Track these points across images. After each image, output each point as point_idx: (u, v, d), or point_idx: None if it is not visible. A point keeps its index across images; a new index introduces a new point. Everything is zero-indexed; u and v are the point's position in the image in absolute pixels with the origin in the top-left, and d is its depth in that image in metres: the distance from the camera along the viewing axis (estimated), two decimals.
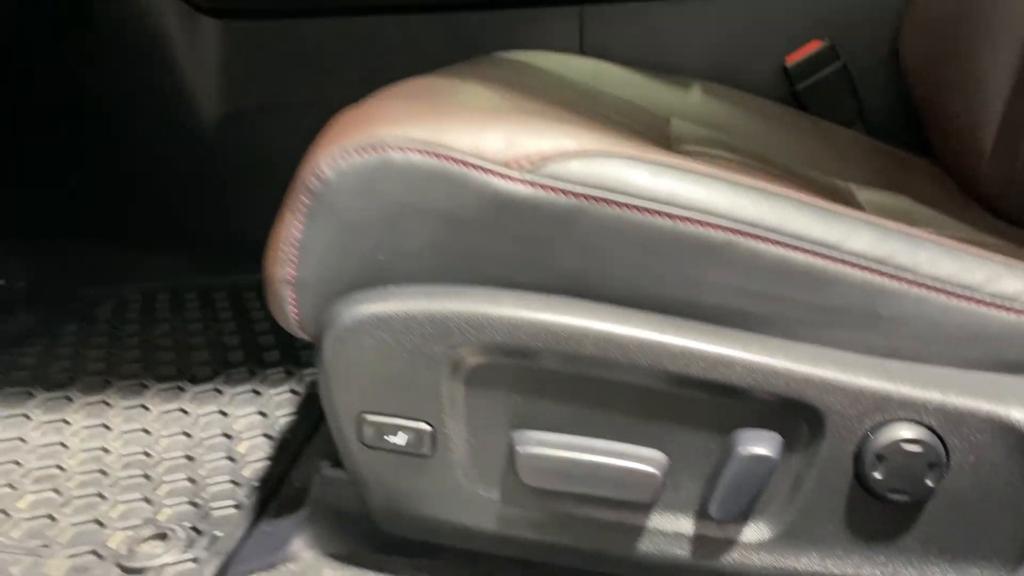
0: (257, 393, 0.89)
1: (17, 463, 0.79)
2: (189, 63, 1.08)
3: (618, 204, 0.50)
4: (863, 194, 0.83)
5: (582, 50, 1.05)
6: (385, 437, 0.53)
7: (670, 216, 0.49)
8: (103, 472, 0.78)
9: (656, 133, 0.79)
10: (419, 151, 0.51)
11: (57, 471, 0.78)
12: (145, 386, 0.91)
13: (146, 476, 0.77)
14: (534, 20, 1.05)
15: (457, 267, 0.52)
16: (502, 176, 0.50)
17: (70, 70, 1.07)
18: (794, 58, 1.00)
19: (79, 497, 0.74)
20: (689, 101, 0.96)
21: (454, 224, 0.51)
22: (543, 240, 0.51)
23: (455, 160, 0.51)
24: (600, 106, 0.81)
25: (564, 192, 0.50)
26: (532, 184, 0.50)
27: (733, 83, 1.02)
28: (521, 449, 0.51)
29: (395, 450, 0.53)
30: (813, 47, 0.98)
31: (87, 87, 1.08)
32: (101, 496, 0.74)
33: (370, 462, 0.54)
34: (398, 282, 0.53)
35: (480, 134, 0.52)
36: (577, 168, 0.50)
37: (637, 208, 0.49)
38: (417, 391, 0.52)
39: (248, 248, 1.17)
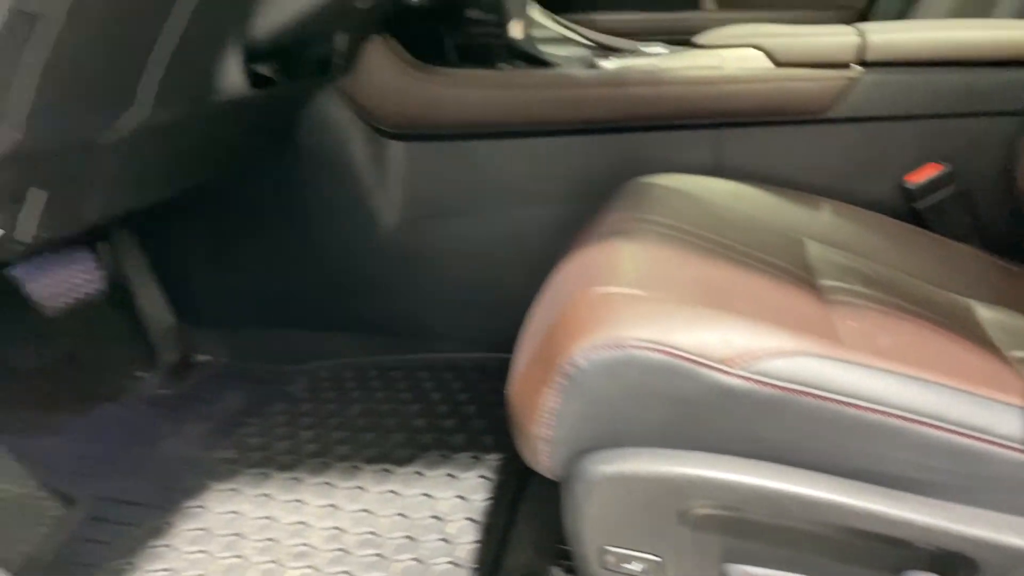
0: (453, 476, 1.06)
1: (273, 540, 0.98)
2: (374, 178, 1.26)
3: (815, 396, 0.64)
4: (981, 311, 0.95)
5: (717, 167, 1.19)
6: (623, 565, 0.69)
7: (857, 407, 0.64)
8: (344, 551, 0.95)
9: (798, 264, 0.93)
10: (654, 349, 0.66)
11: (307, 548, 0.96)
12: (357, 468, 1.09)
13: (379, 555, 0.94)
14: (675, 142, 1.19)
15: (682, 436, 0.67)
16: (721, 371, 0.65)
17: (277, 185, 1.26)
18: (914, 179, 1.12)
19: (333, 574, 0.92)
20: (820, 221, 1.09)
21: (681, 405, 0.66)
22: (753, 421, 0.65)
23: (683, 357, 0.66)
24: (751, 241, 0.94)
25: (771, 385, 0.65)
26: (745, 379, 0.65)
27: (854, 198, 1.14)
28: None
29: (630, 575, 0.69)
30: (933, 170, 1.11)
31: (290, 199, 1.27)
32: (349, 575, 0.92)
33: None
34: (634, 445, 0.68)
35: (701, 335, 0.67)
36: (782, 366, 0.65)
37: (831, 400, 0.64)
38: (650, 532, 0.68)
39: (419, 332, 1.35)
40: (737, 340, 0.66)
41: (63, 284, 1.14)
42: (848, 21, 1.81)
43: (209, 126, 0.92)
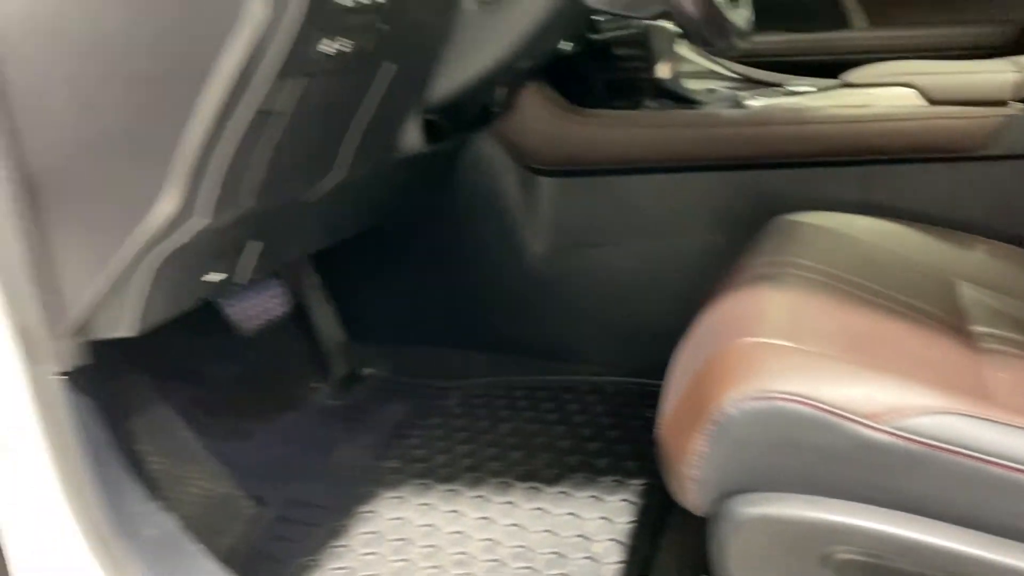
0: (598, 498, 1.13)
1: (435, 547, 1.08)
2: (524, 211, 1.35)
3: (961, 454, 0.67)
4: None
5: (864, 204, 1.20)
6: None
7: (1003, 466, 0.66)
8: (499, 561, 1.04)
9: (949, 308, 0.94)
10: (801, 403, 0.71)
11: (466, 557, 1.06)
12: (509, 484, 1.18)
13: (531, 568, 1.03)
14: (821, 178, 1.21)
15: (826, 484, 0.71)
16: (866, 426, 0.69)
17: (436, 217, 1.37)
18: None
19: None
20: (973, 261, 1.09)
21: (826, 456, 0.70)
22: (897, 474, 0.69)
23: (829, 411, 0.70)
24: (900, 283, 0.96)
25: (916, 442, 0.68)
26: (890, 434, 0.68)
27: (1009, 237, 1.12)
28: None
29: None
30: None
31: (448, 229, 1.38)
32: None
33: None
34: (779, 490, 0.73)
35: (848, 389, 0.70)
36: (927, 423, 0.68)
37: (976, 458, 0.66)
38: (793, 573, 0.72)
39: (563, 355, 1.43)
40: (883, 396, 0.70)
41: (255, 308, 1.30)
42: (1010, 36, 1.74)
43: (388, 177, 1.04)
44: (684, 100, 1.32)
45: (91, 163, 0.66)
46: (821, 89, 1.26)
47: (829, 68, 1.42)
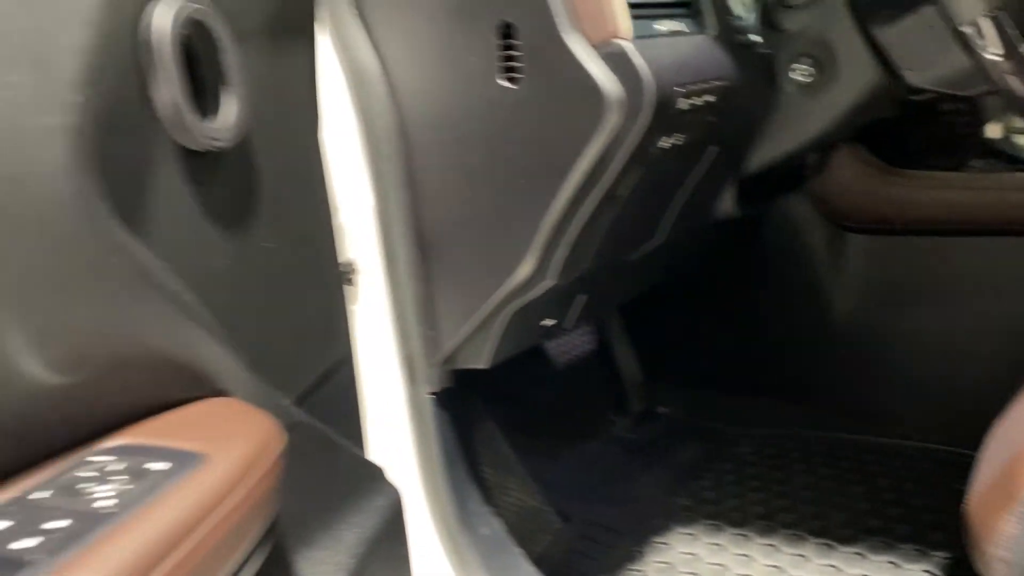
0: (896, 565, 1.12)
1: None
2: (831, 267, 1.37)
3: None
4: None
5: None
6: None
7: None
8: None
9: None
10: None
11: None
12: (801, 537, 1.20)
13: None
14: None
15: None
16: None
17: (740, 266, 1.43)
18: None
19: None
20: None
21: None
22: None
23: None
24: None
25: None
26: None
27: None
28: None
29: None
30: None
31: (750, 279, 1.43)
32: None
33: None
34: None
35: None
36: None
37: None
38: None
39: (866, 415, 1.41)
40: None
41: (568, 344, 1.46)
42: None
43: (701, 236, 1.13)
44: (1017, 161, 1.25)
45: (471, 232, 0.84)
46: None
47: None
